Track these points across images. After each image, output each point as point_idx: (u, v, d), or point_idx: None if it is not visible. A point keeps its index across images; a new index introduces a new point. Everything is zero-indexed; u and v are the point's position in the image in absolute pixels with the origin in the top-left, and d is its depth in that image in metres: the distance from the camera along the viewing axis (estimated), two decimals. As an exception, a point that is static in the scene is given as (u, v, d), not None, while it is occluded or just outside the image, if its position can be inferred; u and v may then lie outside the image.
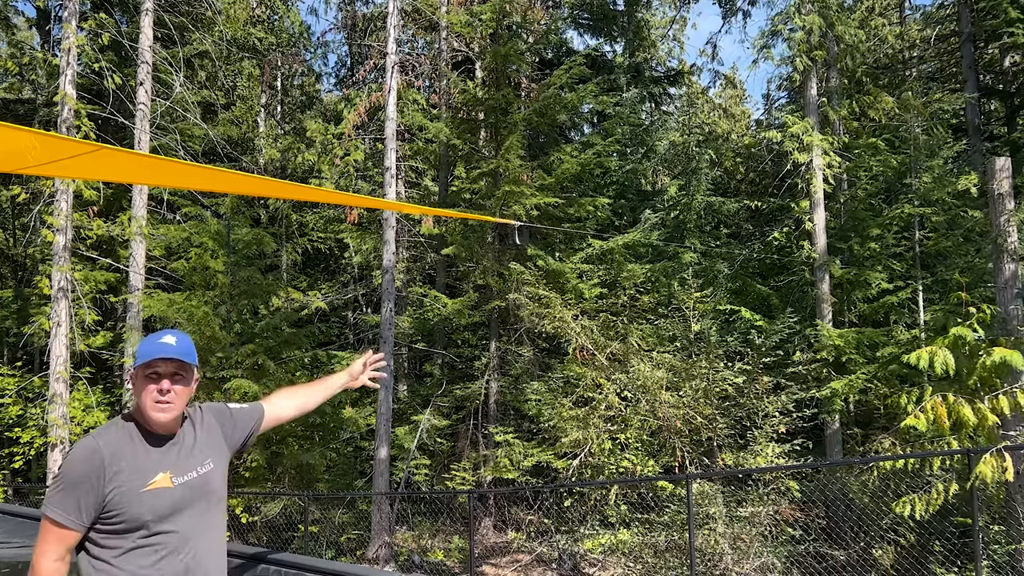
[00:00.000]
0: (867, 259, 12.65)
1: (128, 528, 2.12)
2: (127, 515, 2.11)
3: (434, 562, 11.83)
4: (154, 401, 2.20)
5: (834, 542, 9.08)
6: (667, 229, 14.45)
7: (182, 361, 2.24)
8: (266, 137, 19.25)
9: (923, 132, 13.12)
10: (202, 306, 12.80)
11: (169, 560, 2.17)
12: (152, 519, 2.14)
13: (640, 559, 9.07)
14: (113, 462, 2.11)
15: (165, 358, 2.21)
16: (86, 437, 2.21)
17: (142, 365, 2.21)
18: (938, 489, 6.96)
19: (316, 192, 7.14)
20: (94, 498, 2.08)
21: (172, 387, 2.23)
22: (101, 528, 2.12)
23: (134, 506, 2.12)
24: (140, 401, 2.23)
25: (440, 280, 17.40)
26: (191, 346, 2.32)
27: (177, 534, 2.19)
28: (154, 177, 5.52)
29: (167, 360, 2.21)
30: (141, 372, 2.22)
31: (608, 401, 10.13)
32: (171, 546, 2.17)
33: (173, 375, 2.24)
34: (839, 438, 12.21)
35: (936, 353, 7.44)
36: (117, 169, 4.44)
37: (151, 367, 2.20)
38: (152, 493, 2.15)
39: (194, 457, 2.30)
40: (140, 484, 2.14)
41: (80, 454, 2.14)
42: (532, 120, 13.74)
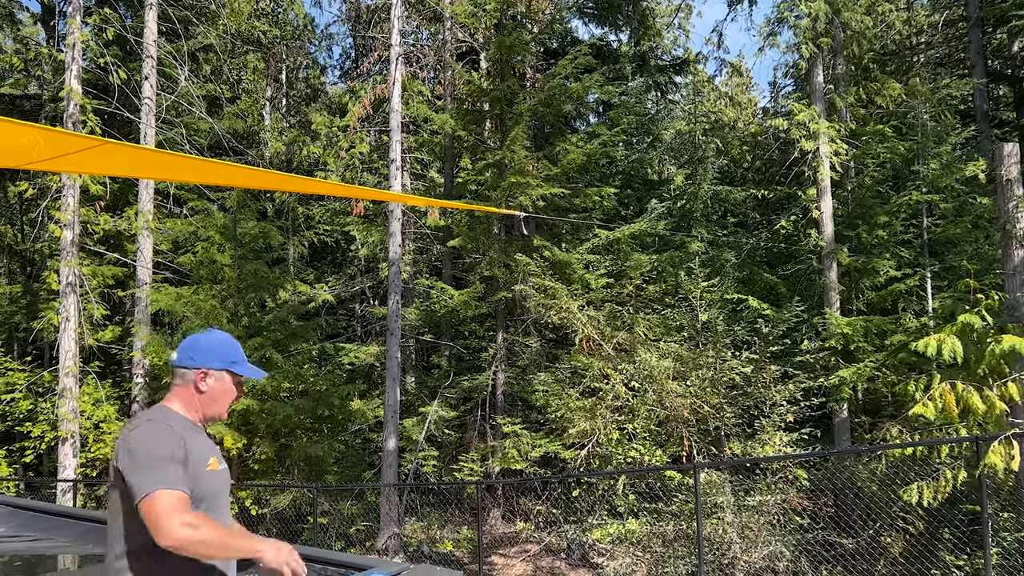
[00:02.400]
0: (875, 247, 12.60)
1: (196, 502, 2.26)
2: (196, 489, 2.27)
3: (443, 552, 11.88)
4: (230, 403, 2.54)
5: (843, 530, 9.07)
6: (673, 218, 14.41)
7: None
8: (271, 130, 19.25)
9: (931, 118, 13.03)
10: (210, 300, 12.85)
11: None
12: (210, 496, 2.35)
13: (649, 548, 9.08)
14: (187, 441, 2.29)
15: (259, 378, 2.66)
16: (153, 422, 2.32)
17: (240, 374, 2.53)
18: (946, 477, 6.95)
19: (322, 185, 7.15)
20: (184, 469, 2.24)
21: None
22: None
23: (201, 482, 2.30)
24: (219, 398, 2.49)
25: (446, 272, 17.41)
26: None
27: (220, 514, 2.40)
28: (159, 171, 5.53)
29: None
30: (233, 377, 2.52)
31: (615, 391, 10.13)
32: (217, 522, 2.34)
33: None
34: (847, 426, 12.19)
35: (944, 341, 7.41)
36: (122, 164, 4.45)
37: (242, 380, 2.56)
38: (210, 472, 2.36)
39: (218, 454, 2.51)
40: (203, 464, 2.33)
41: (163, 432, 2.28)
42: (537, 110, 13.70)
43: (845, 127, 13.68)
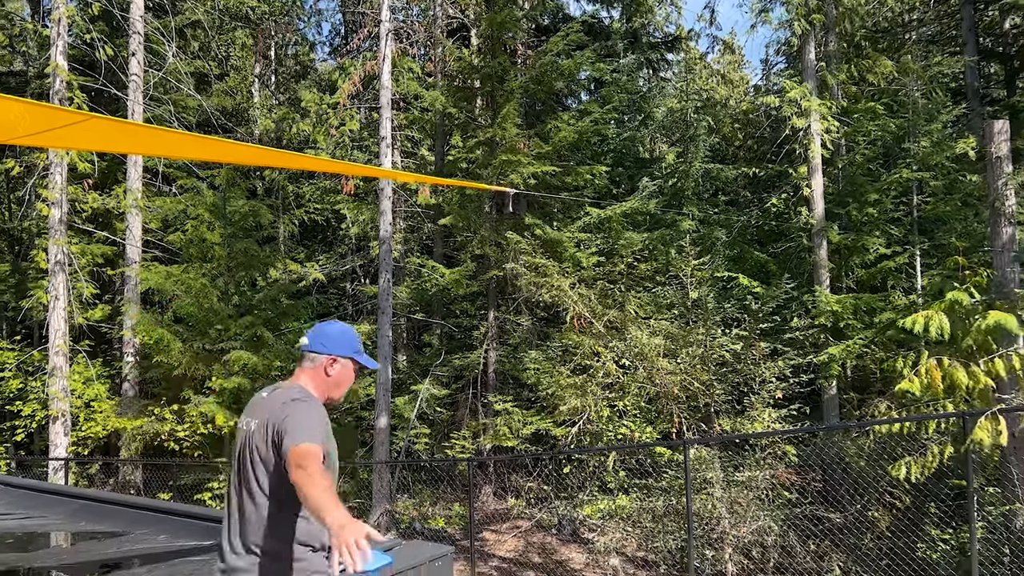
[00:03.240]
0: (865, 224, 12.63)
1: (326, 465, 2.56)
2: (329, 454, 2.62)
3: (435, 529, 11.95)
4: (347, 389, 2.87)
5: (830, 505, 9.17)
6: (665, 197, 14.40)
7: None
8: (261, 108, 19.11)
9: (922, 96, 13.03)
10: (200, 278, 12.81)
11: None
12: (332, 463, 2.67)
13: (639, 524, 9.16)
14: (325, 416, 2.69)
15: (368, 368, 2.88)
16: (310, 401, 2.66)
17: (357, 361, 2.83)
18: (933, 452, 7.01)
19: (312, 161, 7.10)
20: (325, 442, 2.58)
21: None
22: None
23: (333, 450, 2.69)
24: (342, 383, 2.82)
25: (438, 250, 17.38)
26: None
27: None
28: (147, 147, 5.50)
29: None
30: (355, 365, 2.84)
31: (606, 369, 10.17)
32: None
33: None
34: (836, 403, 12.28)
35: (932, 317, 7.46)
36: (109, 139, 4.41)
37: (359, 367, 2.86)
38: (333, 445, 2.70)
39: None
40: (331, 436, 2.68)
41: (318, 408, 2.65)
42: (529, 88, 13.63)
43: (836, 104, 13.67)
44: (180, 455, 13.06)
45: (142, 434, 12.84)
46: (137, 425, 12.83)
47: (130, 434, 12.90)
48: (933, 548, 8.17)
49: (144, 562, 5.13)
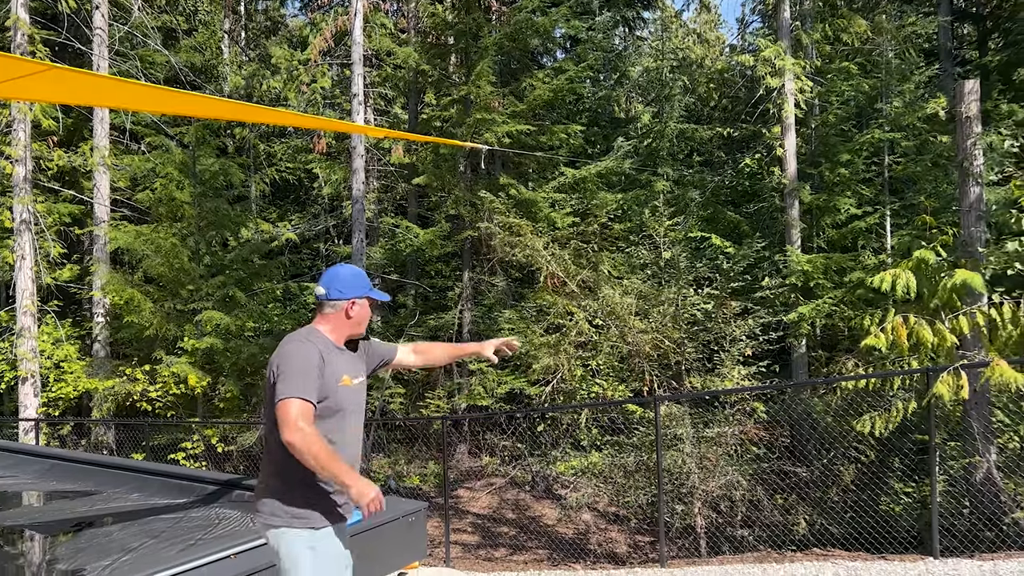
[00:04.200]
0: (837, 185, 12.71)
1: (328, 413, 2.76)
2: (332, 400, 2.77)
3: (410, 487, 12.06)
4: (363, 325, 3.00)
5: (797, 460, 9.36)
6: (640, 157, 14.37)
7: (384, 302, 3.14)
8: (230, 64, 18.71)
9: (896, 56, 13.04)
10: (170, 237, 12.66)
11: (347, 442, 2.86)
12: (347, 407, 2.86)
13: (610, 480, 9.29)
14: (326, 359, 2.77)
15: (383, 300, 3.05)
16: (300, 340, 2.82)
17: (372, 298, 2.99)
18: (897, 408, 7.16)
19: (282, 115, 6.99)
20: (319, 383, 2.70)
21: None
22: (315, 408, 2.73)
23: (335, 395, 2.79)
24: (363, 320, 2.99)
25: (412, 210, 17.27)
26: None
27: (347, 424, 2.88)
28: (111, 99, 5.38)
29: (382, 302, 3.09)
30: (372, 302, 3.00)
31: (579, 328, 10.23)
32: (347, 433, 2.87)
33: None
34: (805, 361, 12.47)
35: (899, 275, 7.57)
36: (71, 91, 4.31)
37: (373, 302, 3.01)
38: (343, 388, 2.84)
39: (358, 368, 3.02)
40: (336, 380, 2.80)
41: (309, 351, 2.76)
42: (503, 45, 13.46)
43: (811, 64, 13.66)
44: (153, 415, 13.01)
45: (114, 395, 12.76)
46: (108, 386, 12.74)
47: (101, 395, 12.81)
48: (896, 501, 8.38)
49: (117, 520, 5.13)
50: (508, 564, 8.39)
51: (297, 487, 2.75)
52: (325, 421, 2.76)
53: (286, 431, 2.54)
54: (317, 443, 2.53)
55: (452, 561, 8.42)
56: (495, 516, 11.07)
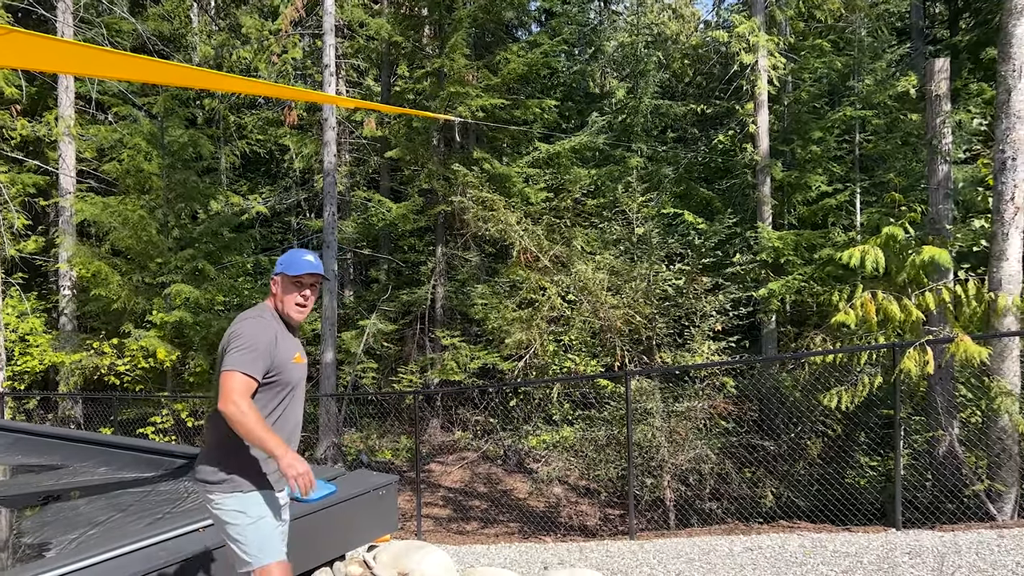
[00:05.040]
0: (808, 162, 12.79)
1: (277, 387, 2.86)
2: (281, 377, 2.86)
3: (382, 461, 12.07)
4: (296, 304, 2.93)
5: (766, 434, 9.49)
6: (614, 132, 14.35)
7: (319, 275, 2.95)
8: (200, 33, 18.35)
9: (868, 34, 13.10)
10: (138, 210, 12.47)
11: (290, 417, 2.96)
12: (296, 383, 2.95)
13: (581, 454, 9.36)
14: (278, 336, 2.86)
15: (311, 272, 2.91)
16: (254, 316, 2.88)
17: (294, 275, 2.90)
18: (864, 382, 7.27)
19: (252, 84, 6.87)
20: (268, 359, 2.78)
21: (309, 295, 2.96)
22: (264, 383, 2.80)
23: (287, 371, 2.88)
24: (283, 301, 2.94)
25: (384, 184, 17.13)
26: (321, 263, 3.01)
27: (297, 403, 2.99)
28: (75, 66, 5.25)
29: (312, 274, 2.92)
30: (289, 279, 2.92)
31: (551, 303, 10.25)
32: (291, 408, 2.95)
33: (311, 285, 2.96)
34: (774, 336, 12.60)
35: (868, 252, 7.65)
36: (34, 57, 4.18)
37: (299, 277, 2.91)
38: (295, 365, 2.93)
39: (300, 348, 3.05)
40: (290, 357, 2.89)
41: (261, 327, 2.82)
42: (477, 17, 13.33)
43: (784, 41, 13.68)
44: (121, 389, 12.88)
45: (81, 368, 12.61)
46: (76, 359, 12.58)
47: (68, 368, 12.65)
48: (862, 474, 8.53)
49: (84, 494, 5.09)
50: (479, 537, 8.45)
51: (231, 454, 2.84)
52: (278, 395, 2.89)
53: (223, 401, 2.65)
54: (251, 415, 2.61)
55: (423, 534, 8.46)
56: (467, 490, 11.12)
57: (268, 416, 2.85)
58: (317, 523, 4.08)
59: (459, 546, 7.53)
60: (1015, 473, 6.70)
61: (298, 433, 3.05)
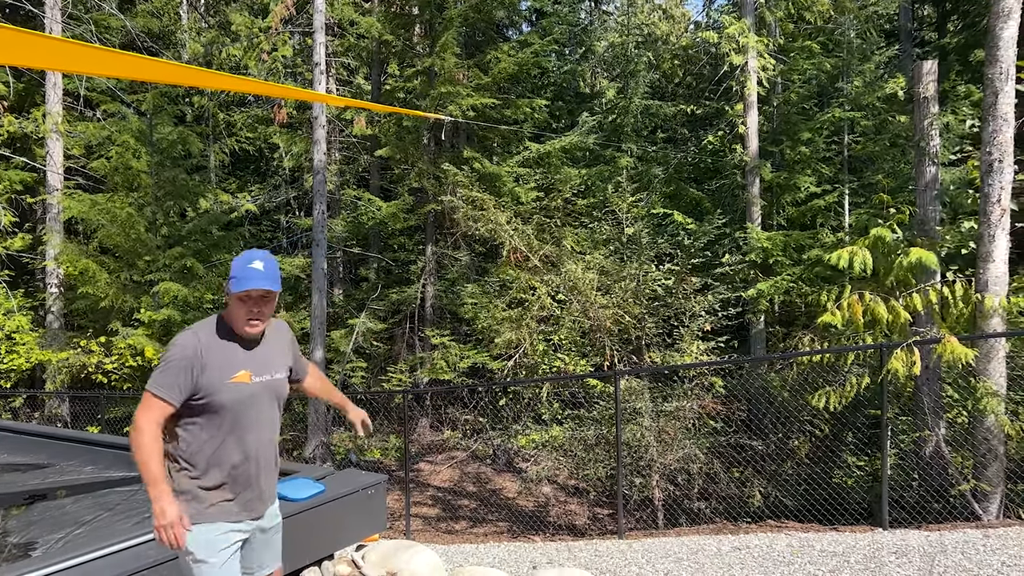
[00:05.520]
0: (797, 163, 12.84)
1: (211, 410, 2.59)
2: (212, 399, 2.58)
3: (371, 460, 12.05)
4: (246, 319, 2.65)
5: (754, 434, 9.52)
6: (604, 132, 14.38)
7: (272, 291, 2.64)
8: (189, 30, 18.28)
9: (857, 36, 13.16)
10: (126, 207, 12.41)
11: (236, 442, 2.65)
12: (233, 407, 2.62)
13: (570, 453, 9.37)
14: (207, 354, 2.58)
15: (257, 288, 2.59)
16: (188, 330, 2.66)
17: (237, 292, 2.60)
18: (852, 383, 7.30)
19: (242, 82, 6.85)
20: (189, 380, 2.54)
21: (261, 309, 2.66)
22: (191, 405, 2.58)
23: (217, 392, 2.58)
24: (234, 316, 2.66)
25: (374, 183, 17.10)
26: (277, 269, 2.70)
27: (248, 426, 2.68)
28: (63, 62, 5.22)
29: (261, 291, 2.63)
30: (235, 296, 2.62)
31: (541, 303, 10.25)
32: (240, 431, 2.66)
33: (261, 298, 2.65)
34: (763, 336, 12.65)
35: (856, 253, 7.69)
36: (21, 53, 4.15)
37: (246, 293, 2.61)
38: (235, 385, 2.62)
39: (271, 363, 2.79)
40: (224, 376, 2.60)
41: (183, 344, 2.58)
42: (468, 16, 13.32)
43: (774, 42, 13.73)
44: (109, 388, 12.81)
45: (68, 367, 12.53)
46: (63, 357, 12.51)
47: (55, 367, 12.58)
48: (849, 474, 8.57)
49: (70, 493, 5.06)
50: (468, 536, 8.45)
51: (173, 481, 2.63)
52: (211, 422, 2.63)
53: (133, 422, 2.51)
54: (141, 440, 2.46)
55: (412, 534, 8.45)
56: (456, 489, 11.12)
57: (202, 450, 2.62)
58: (305, 522, 4.07)
59: (448, 545, 7.53)
60: (1000, 473, 6.75)
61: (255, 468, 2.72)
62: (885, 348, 6.62)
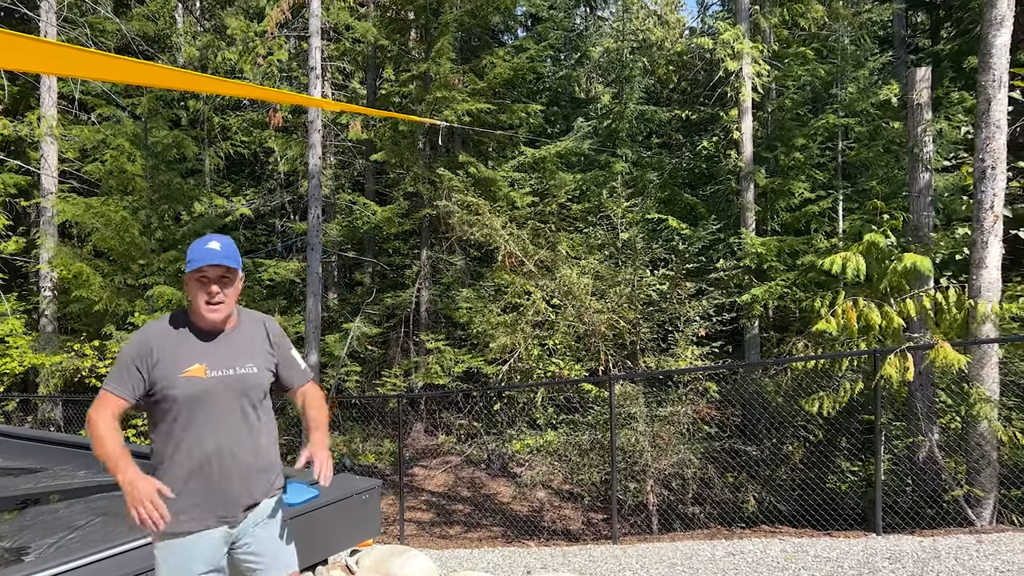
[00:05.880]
0: (792, 169, 12.88)
1: (165, 406, 2.49)
2: (164, 393, 2.47)
3: (365, 465, 12.03)
4: (205, 303, 2.51)
5: (748, 439, 9.53)
6: (599, 138, 14.41)
7: (228, 265, 2.49)
8: (184, 34, 18.27)
9: (851, 43, 13.22)
10: (120, 211, 12.40)
11: (196, 441, 2.50)
12: (187, 401, 2.48)
13: (565, 458, 9.37)
14: (159, 347, 2.49)
15: (212, 264, 2.46)
16: (145, 326, 2.59)
17: (193, 270, 2.47)
18: (845, 388, 7.32)
19: (240, 87, 6.85)
20: (140, 374, 2.46)
21: (221, 290, 2.51)
22: (150, 401, 2.51)
23: (170, 386, 2.47)
24: (193, 302, 2.54)
25: (369, 187, 17.10)
26: (235, 249, 2.56)
27: (206, 422, 2.51)
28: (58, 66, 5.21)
29: (214, 266, 2.47)
30: (192, 276, 2.49)
31: (536, 307, 10.26)
32: (199, 430, 2.50)
33: (220, 278, 2.51)
34: (757, 342, 12.67)
35: (850, 259, 7.72)
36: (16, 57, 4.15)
37: (200, 272, 2.47)
38: (187, 379, 2.48)
39: (236, 356, 2.60)
40: (177, 369, 2.48)
41: (134, 339, 2.52)
42: (464, 21, 13.34)
43: (768, 48, 13.78)
44: (102, 392, 12.75)
45: (61, 370, 12.50)
46: (56, 361, 12.47)
47: (48, 370, 12.54)
48: (843, 479, 8.59)
49: (63, 497, 5.04)
50: (462, 541, 8.44)
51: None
52: (169, 416, 2.51)
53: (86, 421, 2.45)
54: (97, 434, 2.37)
55: (406, 539, 8.44)
56: (450, 494, 11.11)
57: (162, 448, 2.52)
58: (299, 527, 4.06)
59: (442, 550, 7.52)
60: (994, 479, 6.77)
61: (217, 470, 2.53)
62: (879, 354, 6.65)
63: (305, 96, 12.45)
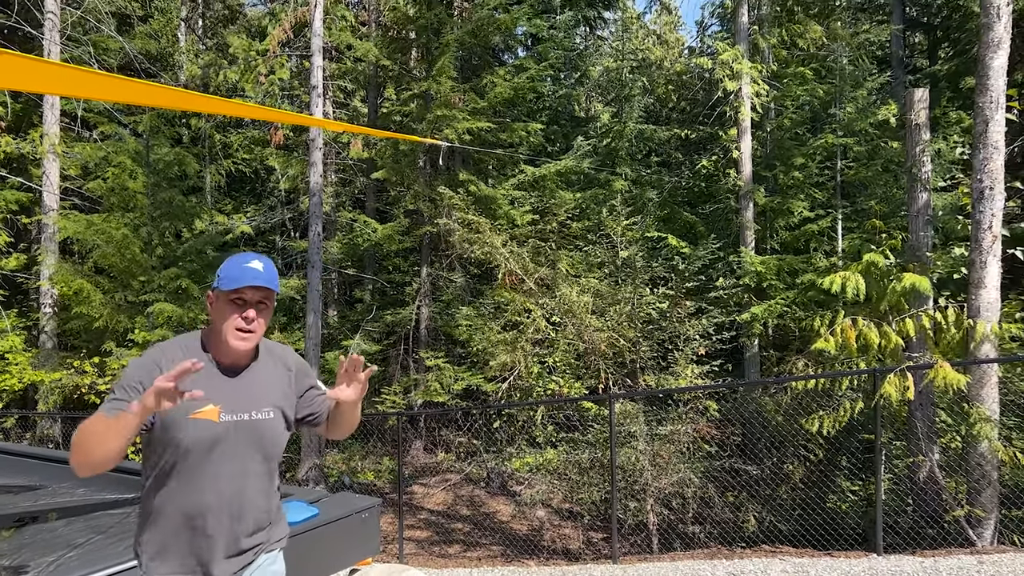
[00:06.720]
0: (791, 188, 12.93)
1: (165, 447, 2.12)
2: (168, 434, 2.10)
3: (364, 483, 12.00)
4: (236, 329, 2.15)
5: (748, 458, 9.51)
6: (599, 156, 14.47)
7: (269, 289, 2.17)
8: (187, 52, 18.40)
9: (849, 63, 13.31)
10: (122, 228, 12.43)
11: (196, 491, 2.15)
12: (190, 447, 2.11)
13: (565, 476, 9.35)
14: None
15: (255, 286, 2.14)
16: (154, 346, 2.20)
17: (230, 290, 2.13)
18: (845, 407, 7.33)
19: (241, 107, 6.89)
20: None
21: (257, 317, 2.17)
22: (144, 434, 2.13)
23: (176, 428, 2.09)
24: (220, 326, 2.17)
25: (370, 205, 17.16)
26: (276, 272, 2.23)
27: (211, 470, 2.15)
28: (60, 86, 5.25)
29: (256, 288, 2.15)
30: (226, 296, 2.14)
31: (536, 325, 10.27)
32: (201, 480, 2.14)
33: (258, 303, 2.18)
34: (757, 360, 12.67)
35: (849, 278, 7.74)
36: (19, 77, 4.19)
37: (239, 293, 2.14)
38: (196, 422, 2.10)
39: (254, 400, 2.23)
40: (188, 409, 2.05)
41: (141, 361, 2.13)
42: (465, 41, 13.43)
43: (767, 68, 13.88)
44: (101, 409, 12.73)
45: (61, 387, 12.48)
46: (56, 378, 12.45)
47: (48, 387, 12.52)
48: (843, 499, 8.57)
49: (62, 516, 5.02)
50: (462, 560, 8.40)
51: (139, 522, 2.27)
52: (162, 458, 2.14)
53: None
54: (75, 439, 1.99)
55: (406, 558, 8.40)
56: (449, 512, 11.06)
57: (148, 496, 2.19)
58: (298, 546, 4.05)
59: (441, 569, 7.48)
60: (994, 499, 6.76)
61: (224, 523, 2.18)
62: (878, 373, 6.65)
63: (307, 116, 12.52)
